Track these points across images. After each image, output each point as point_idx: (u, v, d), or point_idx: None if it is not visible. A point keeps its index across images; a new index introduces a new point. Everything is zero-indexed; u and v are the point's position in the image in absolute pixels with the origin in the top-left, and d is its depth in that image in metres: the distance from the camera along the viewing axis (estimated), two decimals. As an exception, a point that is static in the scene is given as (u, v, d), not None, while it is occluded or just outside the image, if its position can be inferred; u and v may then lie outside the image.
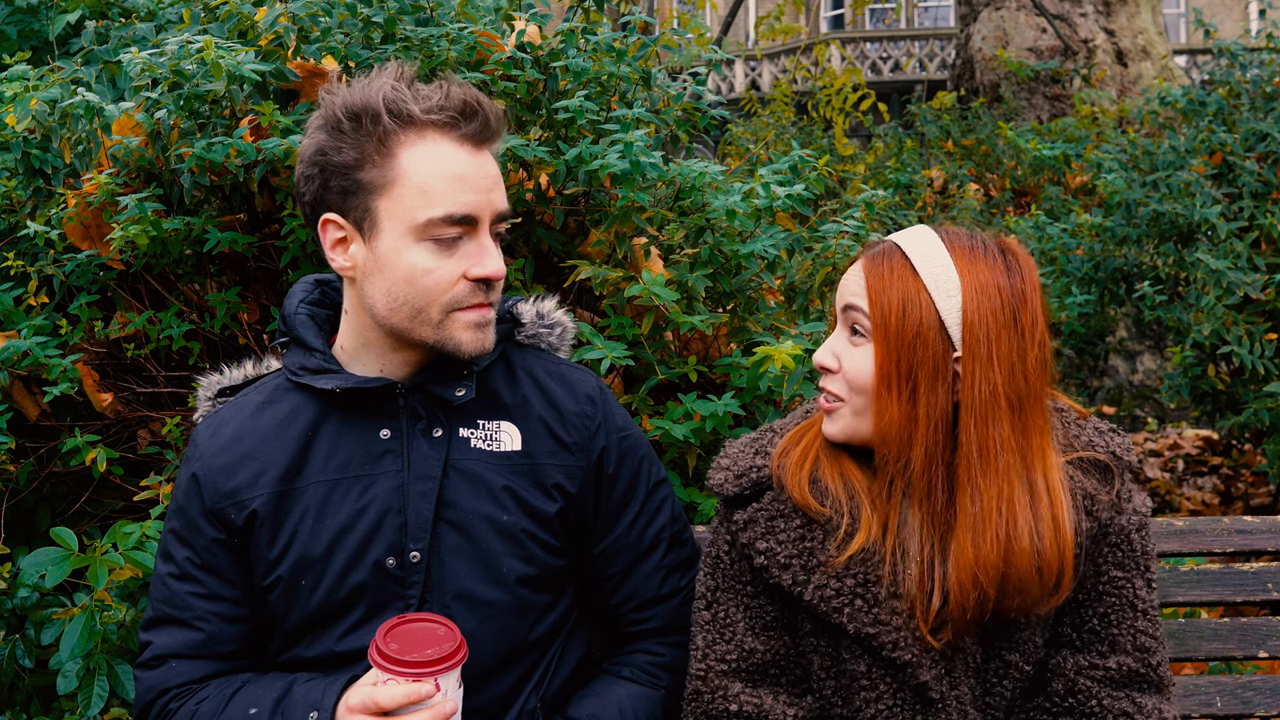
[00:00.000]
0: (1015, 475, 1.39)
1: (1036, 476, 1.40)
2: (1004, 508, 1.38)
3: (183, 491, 1.57)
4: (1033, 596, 1.40)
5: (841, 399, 1.47)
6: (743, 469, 1.54)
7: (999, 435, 1.39)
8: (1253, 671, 2.76)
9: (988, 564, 1.38)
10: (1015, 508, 1.38)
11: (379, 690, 1.35)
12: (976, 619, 1.42)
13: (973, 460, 1.39)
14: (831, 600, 1.45)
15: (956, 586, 1.40)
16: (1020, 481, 1.40)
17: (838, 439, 1.49)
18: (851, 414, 1.46)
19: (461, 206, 1.46)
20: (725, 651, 1.52)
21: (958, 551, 1.40)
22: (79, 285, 2.41)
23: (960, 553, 1.39)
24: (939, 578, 1.43)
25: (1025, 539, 1.38)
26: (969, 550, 1.39)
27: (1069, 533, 1.40)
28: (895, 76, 19.27)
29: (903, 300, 1.40)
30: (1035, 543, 1.38)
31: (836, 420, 1.48)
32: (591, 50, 2.39)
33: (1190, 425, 6.32)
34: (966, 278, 1.40)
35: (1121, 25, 8.52)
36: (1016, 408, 1.40)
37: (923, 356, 1.39)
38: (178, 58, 2.22)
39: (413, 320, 1.49)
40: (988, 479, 1.39)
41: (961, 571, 1.39)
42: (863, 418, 1.45)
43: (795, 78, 10.12)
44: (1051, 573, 1.40)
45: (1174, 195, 4.06)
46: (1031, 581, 1.39)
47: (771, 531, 1.49)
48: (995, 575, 1.38)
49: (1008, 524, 1.38)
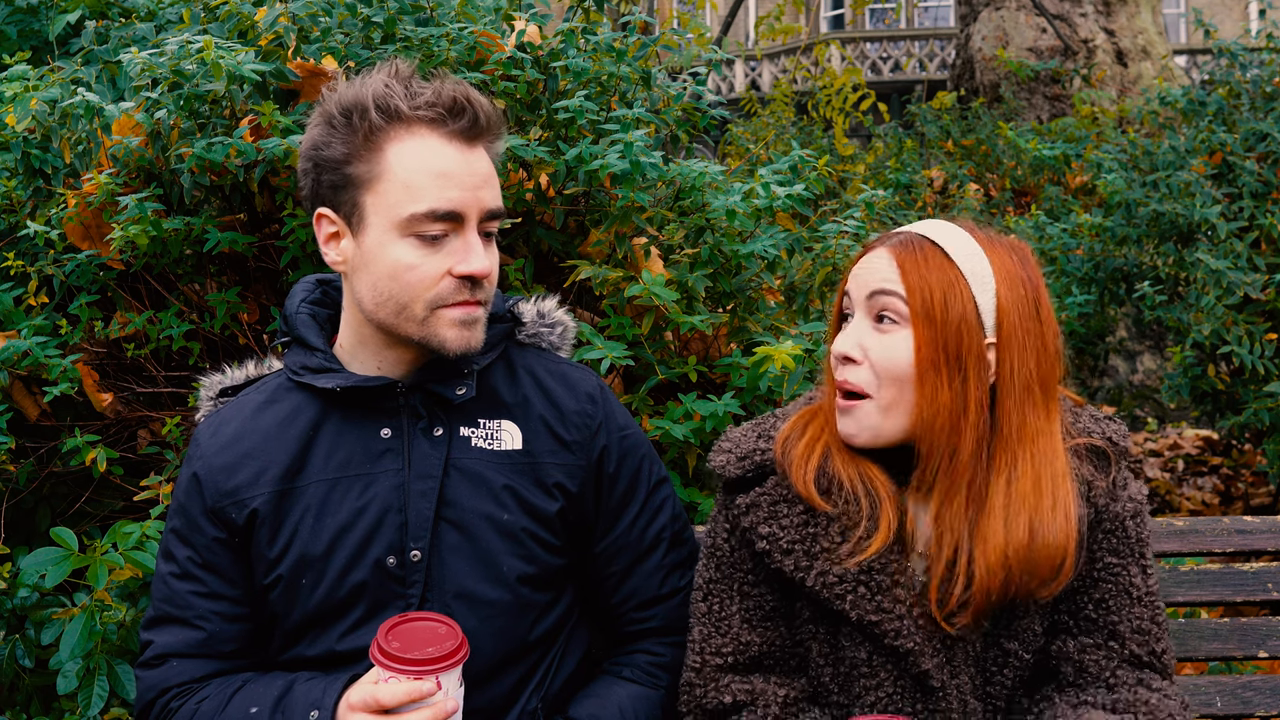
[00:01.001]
0: (1044, 458, 1.42)
1: (1057, 461, 1.43)
2: (1033, 490, 1.40)
3: (184, 490, 1.57)
4: (1039, 579, 1.41)
5: (866, 394, 1.43)
6: (745, 451, 1.53)
7: (1034, 420, 1.42)
8: (1253, 671, 2.76)
9: (1019, 545, 1.39)
10: (1041, 491, 1.41)
11: (380, 688, 1.35)
12: (998, 602, 1.43)
13: (1012, 443, 1.41)
14: (834, 587, 1.45)
15: (984, 569, 1.40)
16: (1047, 465, 1.42)
17: (860, 441, 1.45)
18: (878, 410, 1.42)
19: (446, 203, 1.45)
20: (721, 644, 1.52)
21: (990, 534, 1.40)
22: (79, 285, 2.41)
23: (992, 535, 1.40)
24: (964, 562, 1.42)
25: (1048, 521, 1.40)
26: (1000, 533, 1.39)
27: (1074, 519, 1.42)
28: (895, 76, 19.28)
29: (944, 288, 1.41)
30: (1053, 526, 1.40)
31: (858, 418, 1.44)
32: (591, 50, 2.39)
33: (1190, 425, 6.32)
34: (997, 267, 1.43)
35: (1121, 25, 8.52)
36: (1047, 393, 1.43)
37: (969, 343, 1.40)
38: (178, 58, 2.22)
39: (397, 316, 1.49)
40: (1025, 462, 1.41)
41: (992, 554, 1.39)
42: (893, 411, 1.42)
43: (795, 78, 10.12)
44: (1059, 557, 1.41)
45: (1174, 195, 4.06)
46: (1045, 565, 1.40)
47: (774, 516, 1.48)
48: (1024, 557, 1.39)
49: (1035, 507, 1.40)
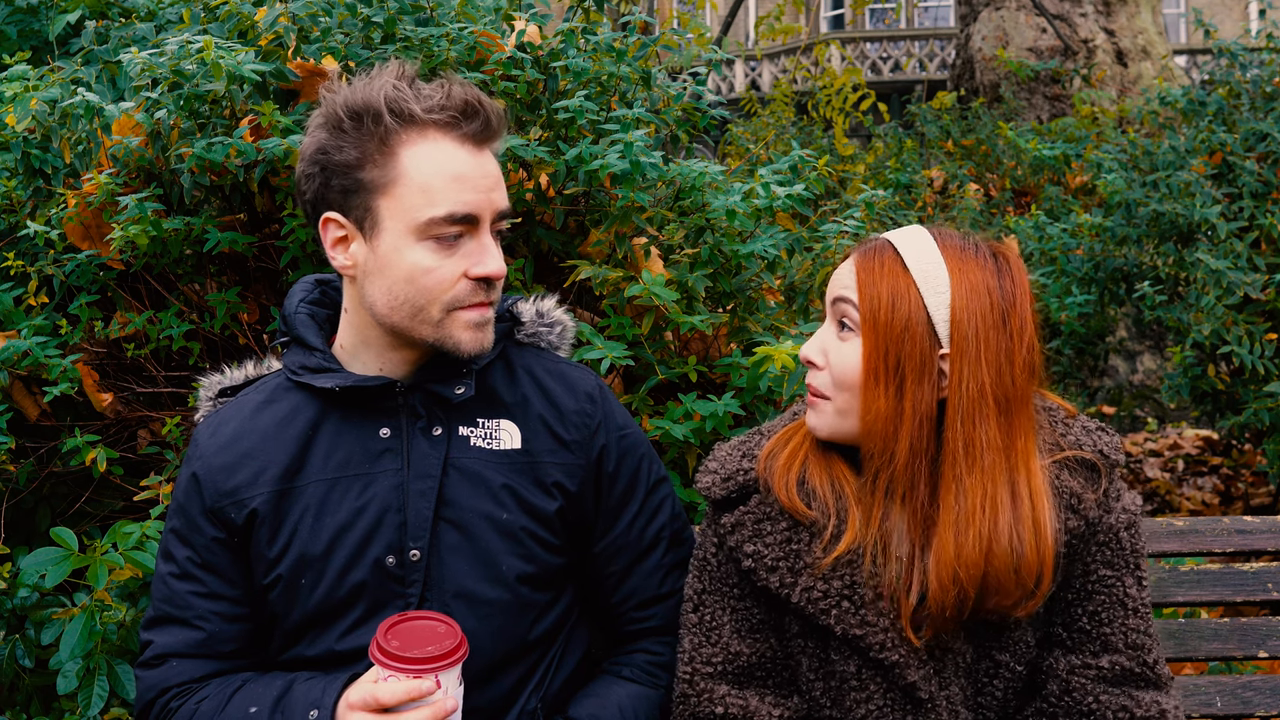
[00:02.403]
0: (999, 475, 1.39)
1: (1020, 478, 1.40)
2: (987, 507, 1.38)
3: (183, 491, 1.57)
4: (1011, 598, 1.40)
5: (826, 395, 1.46)
6: (729, 472, 1.54)
7: (985, 434, 1.39)
8: (1253, 671, 2.76)
9: (969, 562, 1.38)
10: (998, 508, 1.38)
11: (380, 687, 1.35)
12: (955, 617, 1.42)
13: (958, 458, 1.39)
14: (819, 602, 1.45)
15: (936, 584, 1.40)
16: (1004, 482, 1.39)
17: (822, 434, 1.48)
18: (835, 411, 1.46)
19: (463, 206, 1.46)
20: (711, 654, 1.52)
21: (939, 549, 1.39)
22: (79, 285, 2.41)
23: (942, 550, 1.39)
24: (919, 575, 1.43)
25: (1005, 540, 1.38)
26: (950, 548, 1.38)
27: (1049, 536, 1.40)
28: (895, 76, 19.27)
29: (892, 294, 1.40)
30: (1015, 544, 1.38)
31: (821, 414, 1.47)
32: (591, 50, 2.39)
33: (1190, 425, 6.32)
34: (956, 276, 1.41)
35: (1121, 25, 8.52)
36: (1003, 408, 1.40)
37: (910, 351, 1.39)
38: (178, 58, 2.22)
39: (413, 319, 1.49)
40: (973, 477, 1.39)
41: (942, 569, 1.39)
42: (847, 415, 1.45)
43: (795, 78, 10.12)
44: (1030, 575, 1.39)
45: (1174, 195, 4.06)
46: (1010, 582, 1.39)
47: (759, 534, 1.49)
48: (976, 574, 1.38)
49: (990, 523, 1.38)
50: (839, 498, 1.47)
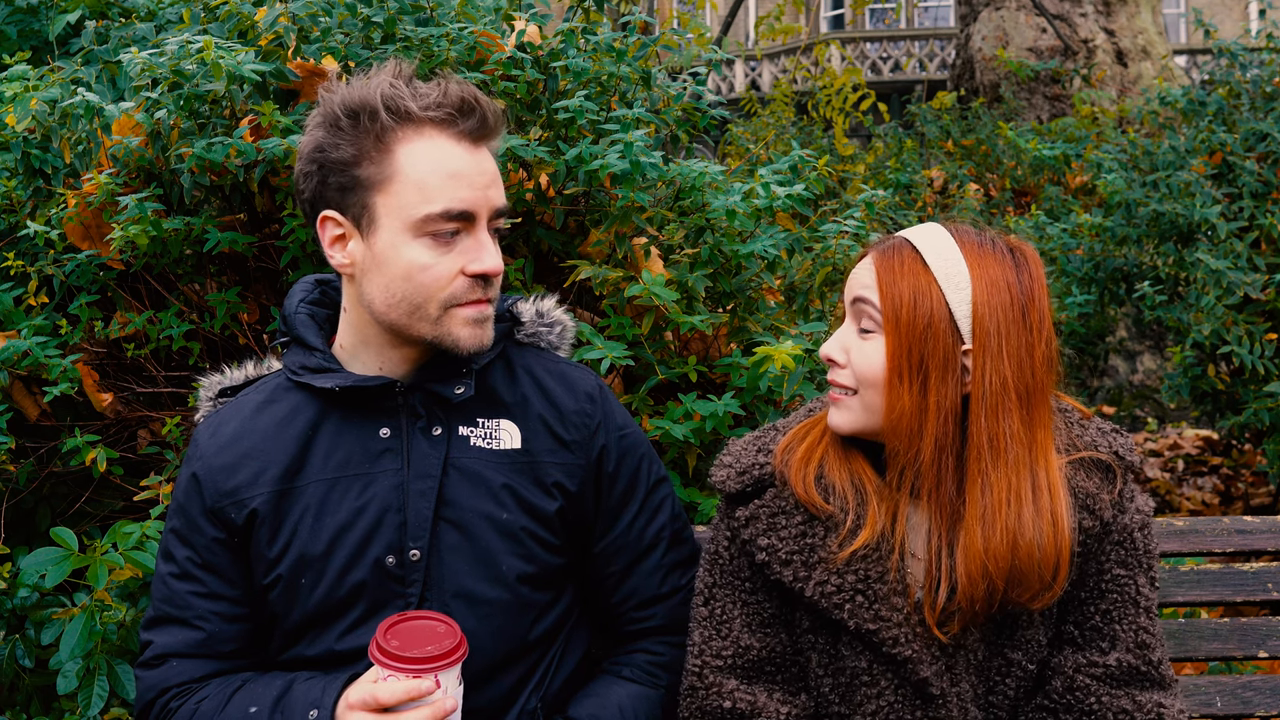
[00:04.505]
0: (1023, 468, 1.41)
1: (1040, 470, 1.42)
2: (1011, 500, 1.40)
3: (183, 491, 1.57)
4: (1030, 590, 1.41)
5: (851, 389, 1.47)
6: (745, 466, 1.55)
7: (1009, 428, 1.40)
8: (1253, 671, 2.76)
9: (997, 555, 1.39)
10: (1022, 500, 1.40)
11: (379, 687, 1.35)
12: (984, 610, 1.43)
13: (984, 452, 1.41)
14: (833, 596, 1.46)
15: (965, 578, 1.41)
16: (1026, 475, 1.41)
17: (845, 430, 1.49)
18: (860, 407, 1.46)
19: (459, 203, 1.46)
20: (721, 648, 1.52)
21: (967, 543, 1.41)
22: (79, 285, 2.41)
23: (970, 544, 1.40)
24: (946, 570, 1.43)
25: (1030, 532, 1.39)
26: (978, 541, 1.40)
27: (1066, 529, 1.41)
28: (895, 76, 19.27)
29: (914, 292, 1.41)
30: (1037, 536, 1.39)
31: (844, 411, 1.48)
32: (591, 50, 2.39)
33: (1190, 425, 6.32)
34: (976, 272, 1.42)
35: (1121, 25, 8.52)
36: (1025, 401, 1.41)
37: (933, 348, 1.40)
38: (178, 58, 2.22)
39: (411, 316, 1.49)
40: (998, 471, 1.40)
41: (971, 563, 1.40)
42: (871, 411, 1.45)
43: (795, 78, 10.12)
44: (1049, 568, 1.41)
45: (1174, 195, 4.06)
46: (1032, 574, 1.40)
47: (773, 528, 1.49)
48: (1005, 566, 1.39)
49: (1015, 516, 1.39)
50: (858, 492, 1.47)
